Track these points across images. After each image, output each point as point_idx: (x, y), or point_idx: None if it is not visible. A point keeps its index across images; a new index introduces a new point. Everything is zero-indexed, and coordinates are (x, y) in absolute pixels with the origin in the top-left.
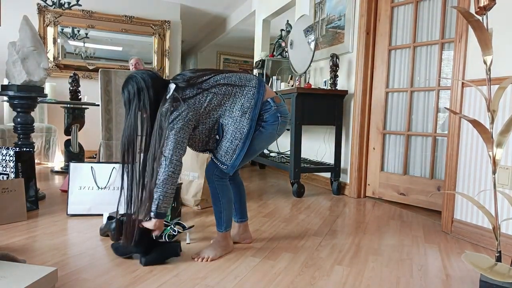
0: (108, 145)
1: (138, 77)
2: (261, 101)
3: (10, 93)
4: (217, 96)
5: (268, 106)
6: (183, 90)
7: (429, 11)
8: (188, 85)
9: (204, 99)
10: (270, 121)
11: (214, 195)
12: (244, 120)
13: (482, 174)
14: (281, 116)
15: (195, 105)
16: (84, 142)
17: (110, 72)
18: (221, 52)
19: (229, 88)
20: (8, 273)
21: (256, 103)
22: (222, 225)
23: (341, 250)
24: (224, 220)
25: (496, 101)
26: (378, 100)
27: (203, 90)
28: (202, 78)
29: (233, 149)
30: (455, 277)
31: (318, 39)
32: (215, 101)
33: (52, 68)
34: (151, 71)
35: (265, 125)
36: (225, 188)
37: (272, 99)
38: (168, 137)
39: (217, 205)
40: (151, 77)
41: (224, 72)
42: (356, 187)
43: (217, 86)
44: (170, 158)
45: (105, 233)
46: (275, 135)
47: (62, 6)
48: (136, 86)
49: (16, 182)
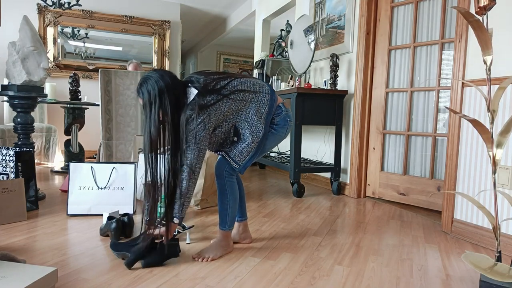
0: (108, 145)
1: (157, 77)
2: (274, 107)
3: (10, 93)
4: (235, 102)
5: (279, 110)
6: (204, 96)
7: (429, 11)
8: (208, 91)
9: (224, 105)
10: (281, 124)
11: (222, 192)
12: (260, 124)
13: (482, 174)
14: (289, 120)
15: (216, 112)
16: (84, 142)
17: (110, 72)
18: (221, 52)
19: (246, 94)
20: (8, 273)
21: (270, 109)
22: (226, 223)
23: (341, 250)
24: (229, 219)
25: (496, 101)
26: (378, 100)
27: (223, 96)
28: (221, 84)
29: (248, 151)
30: (455, 277)
31: (318, 39)
32: (234, 107)
33: (52, 68)
34: (168, 71)
35: (276, 127)
36: (233, 185)
37: (282, 104)
38: (190, 146)
39: (224, 202)
40: (170, 78)
41: (238, 76)
42: (356, 187)
43: (236, 92)
44: (194, 167)
45: (105, 233)
46: (283, 136)
47: (62, 6)
48: (157, 87)
49: (16, 182)
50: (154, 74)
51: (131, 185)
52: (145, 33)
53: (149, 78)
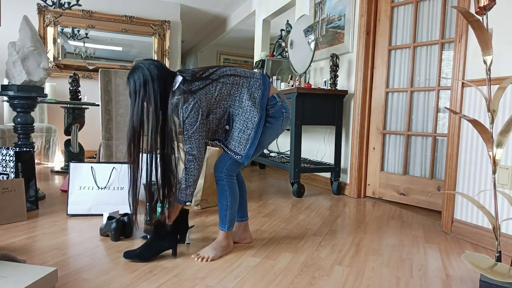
0: (108, 145)
1: (144, 67)
2: (267, 92)
3: (10, 93)
4: (226, 85)
5: (274, 101)
6: (191, 83)
7: (429, 11)
8: (195, 78)
9: (214, 88)
10: (276, 116)
11: (222, 192)
12: (254, 110)
13: (482, 174)
14: (285, 112)
15: (206, 95)
16: (84, 142)
17: (110, 72)
18: (221, 52)
19: (236, 78)
20: (8, 273)
21: (263, 93)
22: (226, 223)
23: (341, 250)
24: (228, 219)
25: (496, 101)
26: (378, 100)
27: (212, 80)
28: (209, 71)
29: (246, 139)
30: (455, 277)
31: (318, 39)
32: (225, 91)
33: (52, 68)
34: (158, 61)
35: (271, 120)
36: (233, 186)
37: (277, 95)
38: (191, 136)
39: (223, 203)
40: (157, 68)
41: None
42: (356, 187)
43: (225, 77)
44: (198, 156)
45: (105, 233)
46: (279, 130)
47: (62, 6)
48: (142, 77)
49: (16, 182)
50: (142, 64)
51: None
52: (145, 33)
53: (137, 68)
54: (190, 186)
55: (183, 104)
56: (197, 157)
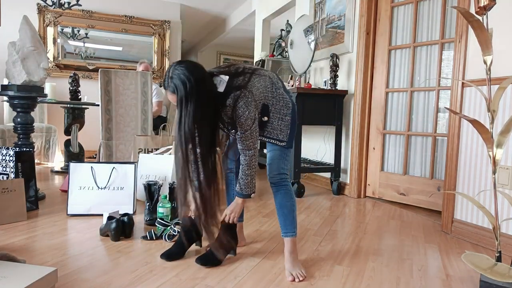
0: (108, 145)
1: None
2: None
3: (10, 93)
4: (261, 77)
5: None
6: (235, 78)
7: (429, 11)
8: (234, 74)
9: (257, 80)
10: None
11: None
12: (286, 95)
13: (482, 174)
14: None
15: (253, 88)
16: (84, 142)
17: (110, 72)
18: (221, 52)
19: (261, 71)
20: (8, 273)
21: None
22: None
23: (341, 250)
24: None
25: (496, 101)
26: (378, 100)
27: (250, 74)
28: (239, 66)
29: (286, 125)
30: (455, 277)
31: (318, 39)
32: (262, 82)
33: (52, 68)
34: (196, 62)
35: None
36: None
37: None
38: (253, 131)
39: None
40: (202, 68)
41: None
42: (356, 187)
43: (256, 70)
44: (257, 149)
45: (105, 233)
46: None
47: (62, 6)
48: (193, 78)
49: (16, 182)
50: (185, 65)
51: (131, 185)
52: (145, 33)
53: (180, 69)
54: (253, 178)
55: (240, 101)
56: (257, 149)
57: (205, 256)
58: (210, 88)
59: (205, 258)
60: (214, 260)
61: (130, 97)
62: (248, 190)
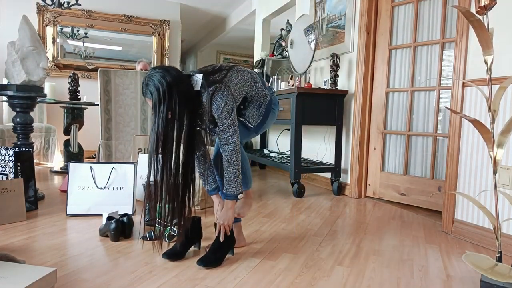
0: (108, 145)
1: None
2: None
3: (9, 93)
4: (239, 72)
5: (271, 91)
6: (211, 75)
7: (430, 11)
8: (210, 72)
9: (234, 75)
10: (275, 103)
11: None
12: (266, 90)
13: (483, 174)
14: (278, 101)
15: (231, 82)
16: (83, 142)
17: (109, 72)
18: (221, 51)
19: (239, 67)
20: (8, 274)
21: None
22: (248, 183)
23: (341, 251)
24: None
25: (497, 101)
26: (379, 100)
27: (228, 69)
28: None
29: (258, 115)
30: (455, 277)
31: (319, 38)
32: (241, 77)
33: (52, 68)
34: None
35: (273, 106)
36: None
37: (270, 87)
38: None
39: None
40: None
41: None
42: (356, 187)
43: (233, 66)
44: (238, 143)
45: (104, 233)
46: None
47: (62, 5)
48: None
49: (15, 182)
50: (158, 70)
51: (130, 185)
52: (144, 32)
53: (154, 75)
54: (237, 176)
55: (216, 95)
56: (237, 143)
57: (206, 258)
58: (186, 88)
59: (206, 259)
60: (216, 260)
61: (129, 96)
62: (233, 190)
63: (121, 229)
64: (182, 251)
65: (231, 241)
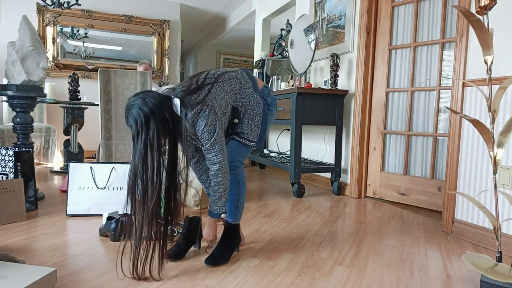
0: (108, 145)
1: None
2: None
3: (10, 93)
4: (225, 82)
5: (266, 91)
6: (192, 95)
7: (430, 11)
8: (192, 90)
9: (219, 90)
10: (272, 104)
11: (235, 183)
12: (257, 96)
13: (483, 174)
14: (275, 100)
15: (215, 99)
16: (83, 142)
17: (109, 72)
18: (221, 51)
19: (228, 74)
20: (8, 274)
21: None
22: (238, 214)
23: (341, 251)
24: (240, 210)
25: (497, 101)
26: (379, 100)
27: (211, 84)
28: (200, 78)
29: (256, 125)
30: (455, 277)
31: (319, 38)
32: (228, 87)
33: (52, 68)
34: (148, 90)
35: (270, 107)
36: (244, 175)
37: (266, 86)
38: (214, 144)
39: (237, 193)
40: (153, 99)
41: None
42: (356, 187)
43: (220, 76)
44: (224, 162)
45: (104, 233)
46: (273, 117)
47: (62, 5)
48: (142, 114)
49: (15, 182)
50: (136, 100)
51: None
52: (144, 32)
53: (132, 106)
54: (222, 197)
55: (197, 116)
56: (223, 163)
57: (214, 256)
58: (166, 115)
59: (214, 258)
60: (223, 259)
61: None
62: (216, 209)
63: (121, 229)
64: (182, 251)
65: (238, 239)
